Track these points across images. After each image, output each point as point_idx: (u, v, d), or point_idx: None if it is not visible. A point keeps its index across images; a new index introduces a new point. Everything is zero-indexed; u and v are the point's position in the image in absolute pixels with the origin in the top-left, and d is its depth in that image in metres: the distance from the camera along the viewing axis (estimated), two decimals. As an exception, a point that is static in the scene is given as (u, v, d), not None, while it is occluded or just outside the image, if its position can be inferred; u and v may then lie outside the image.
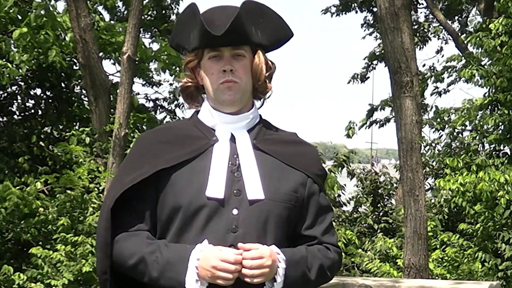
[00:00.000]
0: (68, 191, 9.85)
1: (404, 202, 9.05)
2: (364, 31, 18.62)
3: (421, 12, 18.74)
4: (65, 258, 9.18)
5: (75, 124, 12.86)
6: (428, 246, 9.51)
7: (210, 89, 2.56)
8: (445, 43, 18.47)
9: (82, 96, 13.01)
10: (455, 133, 12.90)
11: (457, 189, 10.54)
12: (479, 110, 12.06)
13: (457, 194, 10.74)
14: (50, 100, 12.92)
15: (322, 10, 17.71)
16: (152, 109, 14.37)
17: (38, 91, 12.92)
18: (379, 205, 13.78)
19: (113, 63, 12.88)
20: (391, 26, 8.83)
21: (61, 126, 12.78)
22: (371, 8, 17.47)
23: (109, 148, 10.38)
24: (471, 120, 12.33)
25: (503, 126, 11.76)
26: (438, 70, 17.01)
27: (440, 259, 10.90)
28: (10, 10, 11.59)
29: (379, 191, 13.89)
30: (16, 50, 11.35)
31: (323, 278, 2.58)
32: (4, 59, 11.30)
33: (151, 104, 14.47)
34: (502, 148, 12.13)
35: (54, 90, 12.80)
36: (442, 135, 13.24)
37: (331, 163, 12.10)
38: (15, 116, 12.94)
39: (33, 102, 12.88)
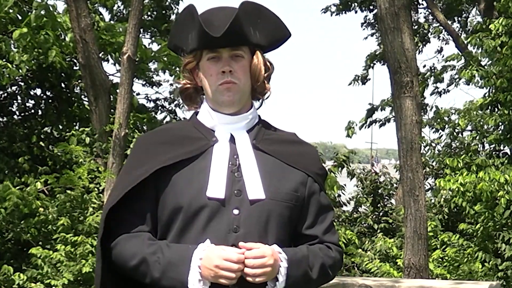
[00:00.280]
0: (68, 191, 9.85)
1: (404, 202, 9.05)
2: (364, 30, 18.64)
3: (421, 13, 18.76)
4: (65, 258, 9.18)
5: (75, 124, 12.86)
6: (428, 246, 9.51)
7: (209, 90, 2.56)
8: (445, 43, 18.48)
9: (82, 96, 13.01)
10: (455, 133, 12.90)
11: (457, 189, 10.54)
12: (479, 110, 12.06)
13: (457, 194, 10.75)
14: (50, 100, 12.92)
15: (322, 9, 17.73)
16: (152, 109, 14.37)
17: (38, 91, 12.93)
18: (379, 205, 13.78)
19: (113, 63, 12.89)
20: (391, 26, 8.83)
21: (61, 126, 12.79)
22: (372, 8, 17.47)
23: (109, 148, 10.38)
24: (471, 120, 12.33)
25: (503, 126, 11.76)
26: (438, 70, 17.02)
27: (440, 259, 10.89)
28: (10, 10, 11.59)
29: (379, 191, 13.89)
30: (16, 50, 11.35)
31: (325, 277, 2.58)
32: (4, 59, 11.30)
33: (151, 104, 14.48)
34: (502, 148, 12.13)
35: (54, 90, 12.80)
36: (442, 135, 13.25)
37: (331, 163, 12.10)
38: (15, 116, 12.94)
39: (33, 102, 12.88)
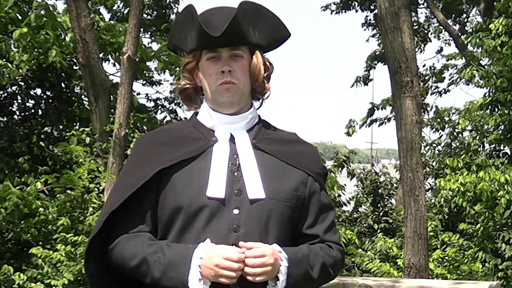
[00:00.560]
0: (68, 191, 9.85)
1: (404, 202, 9.04)
2: (365, 30, 18.63)
3: (421, 13, 18.75)
4: (65, 258, 9.18)
5: (75, 124, 12.86)
6: (429, 246, 9.51)
7: (209, 90, 2.56)
8: (445, 43, 18.48)
9: (82, 96, 13.01)
10: (455, 133, 12.91)
11: (457, 189, 10.54)
12: (480, 110, 12.06)
13: (457, 194, 10.75)
14: (50, 100, 12.92)
15: (322, 7, 17.74)
16: (152, 109, 14.37)
17: (38, 91, 12.93)
18: (379, 205, 13.77)
19: (113, 63, 12.89)
20: (391, 26, 8.83)
21: (61, 126, 12.78)
22: (372, 8, 17.46)
23: (109, 148, 10.38)
24: (472, 120, 12.33)
25: (503, 126, 11.77)
26: (438, 70, 17.03)
27: (440, 259, 10.89)
28: (10, 10, 11.59)
29: (379, 191, 13.88)
30: (16, 50, 11.35)
31: (326, 276, 2.58)
32: (4, 59, 11.30)
33: (151, 104, 14.48)
34: (502, 148, 12.14)
35: (54, 90, 12.80)
36: (442, 135, 13.25)
37: (331, 163, 12.10)
38: (15, 116, 12.94)
39: (33, 102, 12.88)
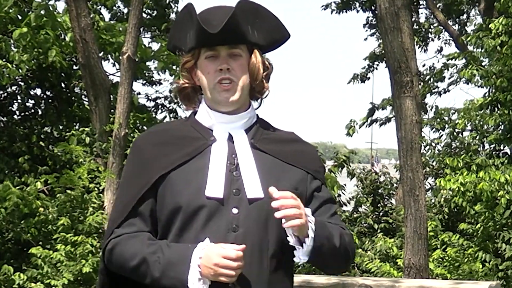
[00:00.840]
0: (68, 191, 9.85)
1: (404, 202, 9.05)
2: (367, 31, 18.63)
3: (421, 13, 18.75)
4: (65, 258, 9.19)
5: (75, 124, 12.86)
6: (429, 246, 9.51)
7: (207, 88, 2.55)
8: (445, 43, 18.48)
9: (82, 96, 13.01)
10: (455, 133, 12.91)
11: (457, 189, 10.54)
12: (479, 110, 12.06)
13: (457, 194, 10.75)
14: (50, 100, 12.92)
15: (322, 6, 17.73)
16: (152, 109, 14.37)
17: (38, 91, 12.93)
18: (379, 205, 13.78)
19: (113, 63, 12.89)
20: (391, 26, 8.83)
21: (61, 126, 12.79)
22: (373, 8, 17.46)
23: (109, 148, 10.38)
24: (472, 120, 12.33)
25: (503, 126, 11.77)
26: (438, 70, 17.03)
27: (440, 259, 10.89)
28: (10, 10, 11.59)
29: (379, 191, 13.89)
30: (16, 50, 11.36)
31: (346, 250, 2.53)
32: (4, 59, 11.31)
33: (151, 103, 14.47)
34: (502, 148, 12.14)
35: (54, 90, 12.80)
36: (442, 135, 13.26)
37: (331, 163, 12.10)
38: (15, 116, 12.95)
39: (33, 102, 12.88)
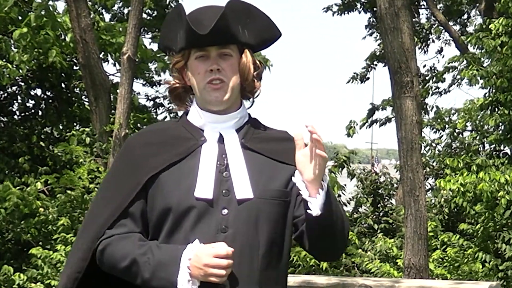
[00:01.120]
0: (68, 191, 9.86)
1: (404, 202, 9.04)
2: (369, 32, 18.62)
3: (422, 13, 18.75)
4: (65, 259, 9.18)
5: (75, 124, 12.88)
6: (429, 246, 9.51)
7: (197, 89, 2.55)
8: (445, 43, 18.48)
9: (83, 97, 13.02)
10: (455, 133, 12.91)
11: (457, 189, 10.54)
12: (480, 111, 12.06)
13: (457, 194, 10.74)
14: (50, 100, 12.93)
15: (324, 8, 17.68)
16: (152, 109, 14.37)
17: (38, 91, 12.95)
18: (379, 205, 13.76)
19: (113, 64, 12.90)
20: (391, 26, 8.82)
21: (61, 126, 12.81)
22: (375, 10, 17.46)
23: (109, 148, 10.38)
24: (472, 120, 12.34)
25: (503, 126, 11.77)
26: (438, 70, 17.04)
27: (440, 259, 10.89)
28: (10, 10, 11.60)
29: (379, 191, 13.87)
30: (16, 50, 11.36)
31: (344, 221, 2.53)
32: (4, 59, 11.31)
33: (151, 104, 14.48)
34: (502, 148, 12.14)
35: (54, 90, 12.82)
36: (442, 135, 13.26)
37: (331, 163, 12.09)
38: (15, 116, 12.96)
39: (33, 102, 12.90)
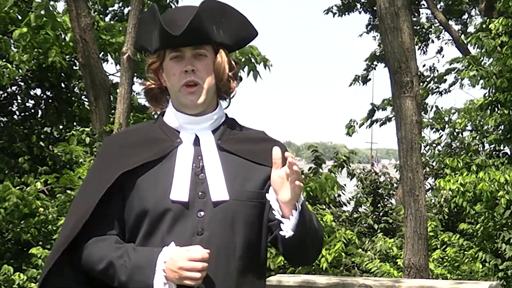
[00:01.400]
0: (68, 191, 9.85)
1: (404, 202, 9.04)
2: (369, 33, 18.64)
3: (422, 13, 18.77)
4: (65, 258, 9.18)
5: (75, 124, 12.87)
6: (429, 246, 9.51)
7: (173, 90, 2.55)
8: (445, 43, 18.50)
9: (82, 96, 13.02)
10: (455, 133, 12.92)
11: (457, 189, 10.55)
12: (480, 110, 12.07)
13: (457, 194, 10.76)
14: (50, 100, 12.93)
15: (324, 11, 17.69)
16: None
17: (38, 91, 12.94)
18: (379, 205, 13.77)
19: (114, 64, 12.89)
20: (391, 26, 8.83)
21: (61, 126, 12.80)
22: (374, 9, 17.47)
23: (109, 148, 10.37)
24: (472, 120, 12.35)
25: (503, 126, 11.78)
26: (438, 70, 17.06)
27: (440, 259, 10.89)
28: (10, 10, 11.59)
29: (379, 191, 13.88)
30: (16, 50, 11.36)
31: (321, 234, 2.54)
32: (4, 59, 11.31)
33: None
34: (502, 148, 12.15)
35: (54, 90, 12.81)
36: (442, 135, 13.27)
37: (331, 163, 12.09)
38: (15, 116, 12.95)
39: (33, 102, 12.89)
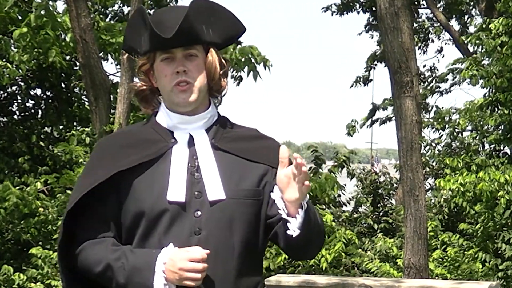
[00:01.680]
0: (68, 191, 9.86)
1: (404, 202, 9.04)
2: (368, 32, 18.64)
3: (421, 13, 18.76)
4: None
5: (75, 124, 12.88)
6: (429, 246, 9.51)
7: (165, 91, 2.55)
8: (445, 43, 18.51)
9: (82, 96, 13.02)
10: (455, 133, 12.92)
11: (457, 189, 10.55)
12: (480, 110, 12.07)
13: (457, 194, 10.75)
14: (50, 100, 12.93)
15: (323, 8, 17.72)
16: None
17: (38, 91, 12.95)
18: (379, 205, 13.77)
19: (114, 64, 12.90)
20: (391, 26, 8.82)
21: (61, 126, 12.81)
22: (374, 10, 17.46)
23: (109, 148, 10.37)
24: (472, 120, 12.35)
25: (503, 126, 11.78)
26: (438, 70, 17.07)
27: (440, 259, 10.89)
28: (10, 10, 11.60)
29: (379, 191, 13.88)
30: (16, 50, 11.36)
31: (323, 230, 2.55)
32: (4, 59, 11.31)
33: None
34: (502, 148, 12.15)
35: (54, 90, 12.82)
36: (442, 135, 13.27)
37: (331, 163, 12.10)
38: (15, 116, 12.96)
39: (33, 102, 12.90)
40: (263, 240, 2.56)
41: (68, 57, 12.38)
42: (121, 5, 15.06)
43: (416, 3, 17.61)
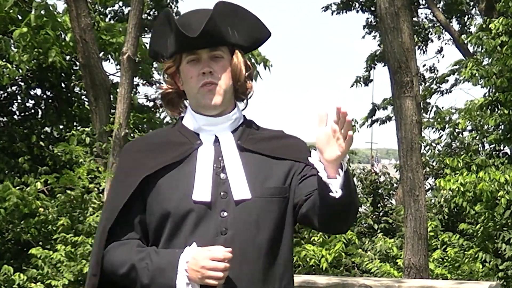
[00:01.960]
0: (68, 191, 9.86)
1: (404, 202, 9.04)
2: (366, 32, 18.63)
3: (421, 13, 18.76)
4: (65, 258, 9.19)
5: (75, 124, 12.87)
6: (429, 246, 9.51)
7: (191, 93, 2.55)
8: (445, 43, 18.50)
9: (82, 96, 13.02)
10: (455, 133, 12.91)
11: (457, 189, 10.54)
12: (480, 110, 12.06)
13: (457, 194, 10.74)
14: (50, 100, 12.93)
15: (322, 8, 17.74)
16: (152, 109, 14.36)
17: (38, 91, 12.94)
18: (379, 205, 13.77)
19: (114, 64, 12.89)
20: (391, 26, 8.82)
21: (61, 126, 12.81)
22: (373, 9, 17.47)
23: (109, 148, 10.38)
24: (472, 120, 12.34)
25: (503, 126, 11.77)
26: (438, 70, 17.07)
27: (440, 259, 10.89)
28: (10, 10, 11.59)
29: (379, 191, 13.89)
30: (16, 50, 11.36)
31: (356, 195, 2.51)
32: (4, 59, 11.31)
33: (151, 103, 14.47)
34: (502, 148, 12.14)
35: (54, 90, 12.81)
36: (442, 135, 13.26)
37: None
38: (15, 116, 12.95)
39: (33, 102, 12.89)
40: (289, 238, 2.55)
41: (68, 57, 12.38)
42: (120, 5, 15.07)
43: (416, 3, 17.61)
